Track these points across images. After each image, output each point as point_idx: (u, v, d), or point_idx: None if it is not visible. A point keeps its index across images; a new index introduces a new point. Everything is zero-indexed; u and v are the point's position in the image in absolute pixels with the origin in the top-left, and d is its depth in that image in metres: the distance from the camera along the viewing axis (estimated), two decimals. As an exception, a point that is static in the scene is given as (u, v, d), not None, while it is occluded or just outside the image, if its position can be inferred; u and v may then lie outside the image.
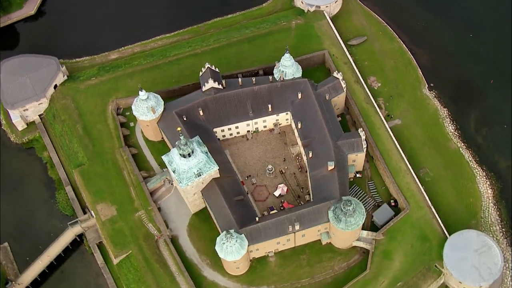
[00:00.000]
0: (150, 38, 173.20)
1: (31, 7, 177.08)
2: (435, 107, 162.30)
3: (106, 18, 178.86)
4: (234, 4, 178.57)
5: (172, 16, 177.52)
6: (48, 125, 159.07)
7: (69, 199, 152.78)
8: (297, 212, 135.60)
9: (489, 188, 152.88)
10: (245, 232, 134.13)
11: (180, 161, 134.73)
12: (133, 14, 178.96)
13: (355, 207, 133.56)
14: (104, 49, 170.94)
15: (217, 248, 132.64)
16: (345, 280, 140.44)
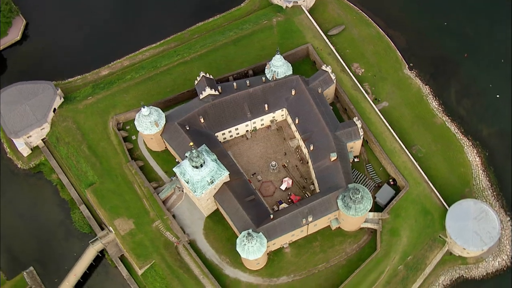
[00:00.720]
0: (137, 50, 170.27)
1: (16, 33, 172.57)
2: (418, 86, 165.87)
3: (90, 36, 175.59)
4: (213, 8, 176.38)
5: (155, 27, 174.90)
6: (52, 148, 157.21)
7: (85, 218, 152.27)
8: (309, 205, 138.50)
9: (477, 156, 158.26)
10: (262, 230, 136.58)
11: (193, 172, 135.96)
12: (116, 28, 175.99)
13: (363, 194, 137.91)
14: (94, 66, 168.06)
15: (239, 249, 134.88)
16: (358, 261, 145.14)
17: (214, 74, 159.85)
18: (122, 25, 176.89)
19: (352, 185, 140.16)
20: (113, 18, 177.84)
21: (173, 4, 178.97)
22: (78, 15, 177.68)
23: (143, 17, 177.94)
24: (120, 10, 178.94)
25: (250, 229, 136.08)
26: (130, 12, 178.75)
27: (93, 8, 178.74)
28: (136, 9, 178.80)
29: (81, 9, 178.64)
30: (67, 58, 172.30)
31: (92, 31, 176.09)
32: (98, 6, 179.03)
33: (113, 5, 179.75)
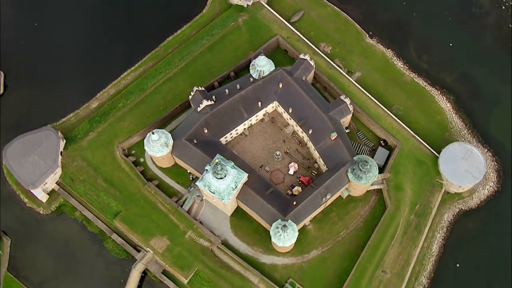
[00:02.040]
0: (119, 77, 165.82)
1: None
2: (381, 51, 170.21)
3: (68, 73, 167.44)
4: (177, 19, 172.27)
5: (128, 50, 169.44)
6: (68, 189, 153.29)
7: (119, 245, 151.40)
8: (324, 184, 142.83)
9: (447, 102, 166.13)
10: (289, 217, 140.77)
11: (218, 183, 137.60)
12: (91, 61, 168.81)
13: (371, 163, 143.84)
14: (82, 101, 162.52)
15: (274, 240, 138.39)
16: (373, 220, 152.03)
17: (199, 83, 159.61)
18: (96, 56, 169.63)
19: (357, 157, 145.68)
20: (84, 52, 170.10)
21: (138, 24, 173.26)
22: (51, 56, 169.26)
23: (113, 44, 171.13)
24: (88, 43, 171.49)
25: (278, 219, 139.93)
26: (99, 42, 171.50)
27: (62, 47, 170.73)
28: (103, 38, 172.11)
29: (51, 50, 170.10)
30: (54, 99, 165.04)
31: (69, 69, 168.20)
32: (66, 44, 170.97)
33: (80, 40, 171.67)
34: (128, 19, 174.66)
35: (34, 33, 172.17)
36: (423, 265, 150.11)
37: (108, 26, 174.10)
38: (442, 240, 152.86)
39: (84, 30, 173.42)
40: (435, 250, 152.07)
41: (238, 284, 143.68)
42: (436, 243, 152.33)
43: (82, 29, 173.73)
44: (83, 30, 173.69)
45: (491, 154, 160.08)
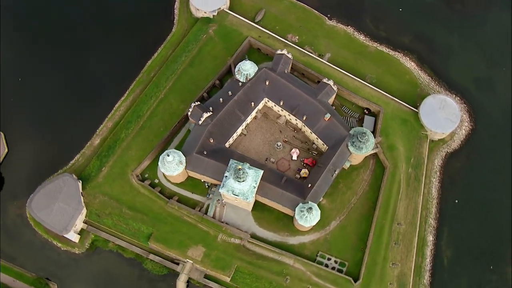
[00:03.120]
0: (112, 109, 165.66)
1: (2, 147, 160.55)
2: (343, 29, 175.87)
3: (62, 117, 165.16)
4: (149, 43, 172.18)
5: (113, 81, 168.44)
6: (97, 224, 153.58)
7: (157, 263, 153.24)
8: (331, 162, 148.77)
9: (411, 62, 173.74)
10: (309, 199, 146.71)
11: (241, 186, 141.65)
12: (81, 100, 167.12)
13: (367, 133, 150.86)
14: (84, 139, 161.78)
15: (301, 222, 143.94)
16: (377, 181, 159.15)
17: (189, 98, 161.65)
18: (85, 96, 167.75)
19: (352, 130, 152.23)
20: (72, 94, 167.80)
21: (115, 55, 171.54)
22: (42, 106, 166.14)
23: (99, 80, 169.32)
24: (74, 85, 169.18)
25: (299, 203, 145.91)
26: (84, 82, 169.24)
27: (50, 95, 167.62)
28: (89, 77, 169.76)
29: (40, 101, 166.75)
30: (57, 145, 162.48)
31: (62, 114, 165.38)
32: (54, 90, 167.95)
33: (67, 84, 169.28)
34: (104, 54, 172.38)
35: (20, 88, 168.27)
36: (428, 209, 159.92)
37: (89, 66, 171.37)
38: (438, 183, 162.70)
39: (66, 75, 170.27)
40: (435, 193, 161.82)
41: (276, 269, 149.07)
42: (434, 187, 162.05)
43: (63, 75, 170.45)
44: (64, 75, 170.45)
45: (459, 98, 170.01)
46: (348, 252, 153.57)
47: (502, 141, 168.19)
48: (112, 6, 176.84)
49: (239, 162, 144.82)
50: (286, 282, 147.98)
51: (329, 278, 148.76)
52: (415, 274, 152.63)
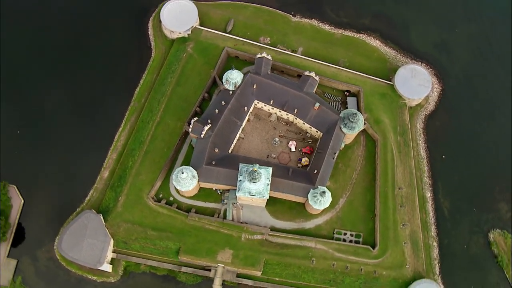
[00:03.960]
0: (113, 141, 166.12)
1: (17, 200, 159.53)
2: (308, 23, 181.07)
3: (67, 160, 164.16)
4: (133, 72, 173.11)
5: (107, 115, 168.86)
6: (125, 251, 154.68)
7: (190, 274, 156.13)
8: (330, 146, 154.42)
9: (375, 40, 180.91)
10: (318, 184, 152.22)
11: (256, 185, 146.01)
12: (80, 139, 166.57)
13: (357, 113, 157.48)
14: (93, 175, 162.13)
15: (316, 206, 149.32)
16: (371, 154, 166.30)
17: (183, 115, 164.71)
18: (83, 132, 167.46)
19: (342, 113, 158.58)
20: (71, 135, 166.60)
21: (102, 90, 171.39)
22: (44, 155, 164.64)
23: (92, 116, 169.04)
24: (70, 125, 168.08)
25: (309, 190, 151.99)
26: (78, 122, 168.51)
27: (50, 142, 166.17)
28: (79, 115, 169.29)
29: (43, 147, 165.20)
30: (69, 186, 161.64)
31: (65, 156, 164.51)
32: (54, 137, 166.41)
33: (62, 128, 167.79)
34: (92, 90, 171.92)
35: (19, 139, 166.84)
36: (421, 169, 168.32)
37: (80, 105, 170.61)
38: (424, 144, 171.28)
39: (60, 119, 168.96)
40: (423, 154, 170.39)
41: (301, 254, 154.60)
42: (421, 148, 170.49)
43: (57, 119, 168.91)
44: (58, 119, 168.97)
45: (425, 64, 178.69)
46: (360, 223, 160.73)
47: (468, 94, 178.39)
48: (91, 44, 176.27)
49: (248, 164, 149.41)
50: (313, 263, 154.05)
51: (349, 251, 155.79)
52: (423, 229, 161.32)
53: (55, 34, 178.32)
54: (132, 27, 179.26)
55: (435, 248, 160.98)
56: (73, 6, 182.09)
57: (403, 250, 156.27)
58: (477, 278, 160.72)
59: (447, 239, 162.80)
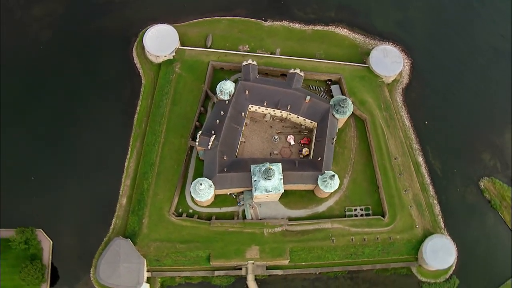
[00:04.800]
0: (124, 168, 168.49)
1: (47, 246, 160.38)
2: (280, 25, 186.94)
3: (82, 194, 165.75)
4: (128, 101, 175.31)
5: (111, 146, 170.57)
6: (159, 268, 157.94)
7: (223, 276, 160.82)
8: (327, 133, 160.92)
9: (343, 29, 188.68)
10: (324, 169, 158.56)
11: (271, 182, 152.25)
12: (91, 172, 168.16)
13: (346, 99, 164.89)
14: (113, 204, 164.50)
15: (326, 189, 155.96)
16: (362, 133, 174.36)
17: (185, 132, 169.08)
18: (93, 166, 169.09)
19: (331, 101, 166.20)
20: (82, 170, 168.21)
21: (101, 123, 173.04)
22: (60, 192, 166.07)
23: (96, 149, 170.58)
24: (79, 161, 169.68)
25: (318, 176, 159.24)
26: (85, 157, 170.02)
27: (64, 180, 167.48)
28: (85, 151, 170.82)
29: (57, 186, 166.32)
30: (90, 217, 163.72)
31: (81, 190, 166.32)
32: (66, 176, 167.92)
33: (71, 165, 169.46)
34: (93, 124, 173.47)
35: (35, 184, 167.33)
36: (409, 138, 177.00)
37: (84, 141, 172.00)
38: (407, 115, 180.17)
39: (67, 156, 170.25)
40: (408, 123, 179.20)
41: (321, 236, 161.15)
42: (406, 118, 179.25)
43: (65, 156, 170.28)
44: (65, 156, 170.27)
45: (393, 43, 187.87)
46: (366, 197, 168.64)
47: (434, 62, 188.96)
48: (82, 83, 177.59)
49: (259, 164, 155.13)
50: (334, 242, 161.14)
51: (363, 224, 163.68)
52: (422, 191, 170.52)
53: (47, 75, 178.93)
54: (117, 59, 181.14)
55: (436, 205, 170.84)
56: (54, 48, 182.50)
57: (410, 213, 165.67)
58: (477, 224, 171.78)
59: (445, 195, 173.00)
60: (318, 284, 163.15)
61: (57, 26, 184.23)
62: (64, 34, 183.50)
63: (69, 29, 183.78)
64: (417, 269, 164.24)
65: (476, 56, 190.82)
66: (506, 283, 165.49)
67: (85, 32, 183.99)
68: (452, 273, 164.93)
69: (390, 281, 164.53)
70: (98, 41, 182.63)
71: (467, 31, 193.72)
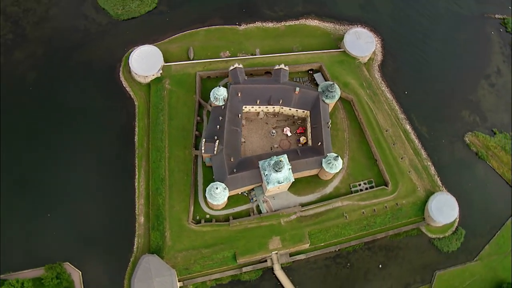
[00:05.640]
0: (135, 189, 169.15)
1: (78, 284, 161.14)
2: (254, 26, 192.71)
3: (101, 221, 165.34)
4: (126, 124, 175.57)
5: (118, 170, 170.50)
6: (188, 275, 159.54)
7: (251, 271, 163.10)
8: (322, 118, 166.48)
9: (313, 20, 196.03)
10: (326, 153, 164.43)
11: (282, 173, 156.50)
12: (106, 198, 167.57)
13: (333, 85, 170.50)
14: (131, 225, 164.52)
15: (332, 170, 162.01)
16: (351, 113, 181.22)
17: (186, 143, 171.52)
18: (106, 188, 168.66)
19: (319, 88, 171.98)
20: (94, 191, 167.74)
21: (104, 149, 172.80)
22: (79, 225, 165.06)
23: (103, 174, 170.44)
24: (93, 184, 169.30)
25: (321, 160, 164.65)
26: (93, 183, 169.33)
27: (83, 214, 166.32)
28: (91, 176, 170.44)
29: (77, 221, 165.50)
30: (113, 241, 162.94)
31: (99, 216, 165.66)
32: (83, 209, 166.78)
33: (87, 181, 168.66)
34: (95, 153, 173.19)
35: (51, 221, 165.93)
36: (393, 109, 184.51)
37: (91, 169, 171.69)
38: (387, 88, 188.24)
39: (82, 186, 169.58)
40: (390, 96, 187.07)
41: (334, 215, 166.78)
42: (387, 92, 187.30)
43: (79, 186, 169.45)
44: (79, 187, 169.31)
45: (361, 25, 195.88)
46: (367, 171, 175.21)
47: (402, 35, 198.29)
48: (78, 117, 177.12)
49: (266, 159, 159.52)
50: (347, 219, 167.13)
51: (370, 196, 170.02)
52: (416, 155, 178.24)
53: (41, 115, 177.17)
54: (106, 86, 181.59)
55: (431, 166, 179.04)
56: (42, 87, 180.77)
57: (410, 178, 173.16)
58: (469, 175, 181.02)
59: (436, 156, 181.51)
60: (339, 260, 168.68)
61: (41, 66, 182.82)
62: (49, 73, 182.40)
63: (54, 67, 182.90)
64: (426, 227, 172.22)
65: (438, 22, 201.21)
66: (506, 223, 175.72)
67: (70, 67, 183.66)
68: (458, 225, 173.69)
69: (403, 244, 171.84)
70: (84, 73, 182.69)
71: (425, 1, 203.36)
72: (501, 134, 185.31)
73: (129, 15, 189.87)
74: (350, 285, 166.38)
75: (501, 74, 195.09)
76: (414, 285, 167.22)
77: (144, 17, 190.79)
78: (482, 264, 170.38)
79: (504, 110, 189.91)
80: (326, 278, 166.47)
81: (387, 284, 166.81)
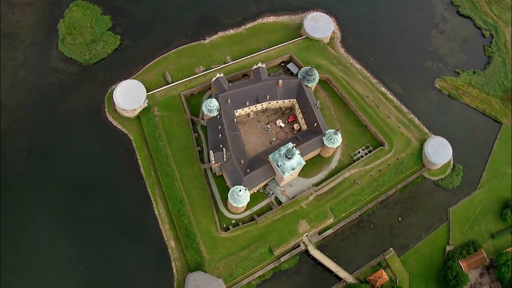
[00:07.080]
0: (158, 219, 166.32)
1: None
2: (218, 37, 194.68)
3: (136, 262, 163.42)
4: (127, 160, 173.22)
5: (137, 207, 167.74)
6: (234, 281, 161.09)
7: (288, 259, 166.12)
8: (311, 103, 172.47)
9: (269, 17, 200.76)
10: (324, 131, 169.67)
11: (294, 160, 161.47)
12: (132, 240, 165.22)
13: (312, 69, 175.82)
14: (164, 254, 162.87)
15: (335, 145, 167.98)
16: (331, 91, 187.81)
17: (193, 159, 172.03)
18: (128, 225, 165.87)
19: (299, 75, 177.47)
20: (124, 248, 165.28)
21: (115, 195, 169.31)
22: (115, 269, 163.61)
23: (123, 216, 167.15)
24: (117, 230, 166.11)
25: (322, 138, 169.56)
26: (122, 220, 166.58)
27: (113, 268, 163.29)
28: (117, 220, 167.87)
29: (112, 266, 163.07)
30: (154, 273, 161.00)
31: (131, 254, 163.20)
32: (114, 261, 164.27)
33: (113, 229, 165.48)
34: (107, 204, 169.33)
35: (85, 273, 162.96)
36: (366, 78, 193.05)
37: (113, 215, 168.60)
38: (354, 60, 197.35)
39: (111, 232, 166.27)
40: (359, 67, 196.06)
41: (347, 185, 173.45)
42: (355, 63, 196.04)
43: (105, 233, 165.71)
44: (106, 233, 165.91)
45: (313, 9, 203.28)
46: (362, 138, 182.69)
47: (352, 10, 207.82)
48: (79, 172, 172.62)
49: (275, 151, 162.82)
50: (359, 185, 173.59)
51: (371, 159, 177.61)
52: (399, 112, 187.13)
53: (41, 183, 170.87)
54: (97, 130, 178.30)
55: (414, 118, 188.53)
56: (34, 152, 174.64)
57: (402, 133, 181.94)
58: (449, 116, 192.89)
59: (415, 106, 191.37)
60: (363, 224, 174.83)
61: (28, 130, 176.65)
62: (37, 134, 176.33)
63: (41, 127, 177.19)
64: (428, 172, 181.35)
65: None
66: (493, 148, 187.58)
67: (56, 122, 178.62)
68: (454, 162, 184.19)
69: (413, 193, 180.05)
70: (72, 124, 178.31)
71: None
72: (464, 72, 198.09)
73: (98, 57, 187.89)
74: (379, 244, 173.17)
75: (447, 20, 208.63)
76: (434, 226, 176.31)
77: (112, 55, 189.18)
78: (485, 190, 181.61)
79: (459, 51, 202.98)
80: (357, 244, 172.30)
81: (411, 232, 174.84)
